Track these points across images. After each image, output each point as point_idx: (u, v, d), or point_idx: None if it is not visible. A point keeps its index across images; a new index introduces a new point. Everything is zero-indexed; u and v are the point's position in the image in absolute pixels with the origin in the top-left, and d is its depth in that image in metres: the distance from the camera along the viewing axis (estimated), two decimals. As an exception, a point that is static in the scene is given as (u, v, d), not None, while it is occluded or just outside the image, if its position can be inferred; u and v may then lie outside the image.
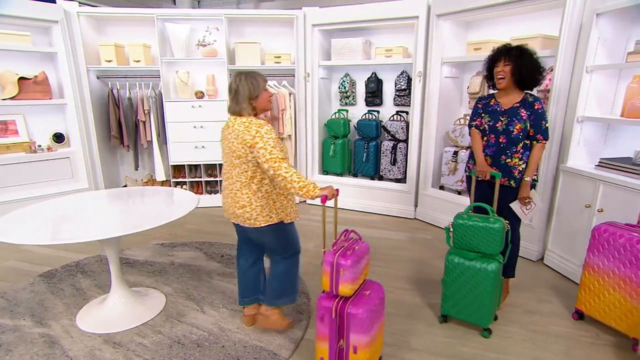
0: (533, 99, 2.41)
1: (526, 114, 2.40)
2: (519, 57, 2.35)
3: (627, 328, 2.17)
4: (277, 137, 2.00)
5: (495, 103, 2.53)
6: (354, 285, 1.80)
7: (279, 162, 1.89)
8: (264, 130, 1.95)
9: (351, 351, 1.82)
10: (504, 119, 2.45)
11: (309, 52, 4.45)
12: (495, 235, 2.18)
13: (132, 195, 2.85)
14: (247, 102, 2.05)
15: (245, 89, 2.04)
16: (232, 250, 3.41)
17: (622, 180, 2.52)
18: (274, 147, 1.92)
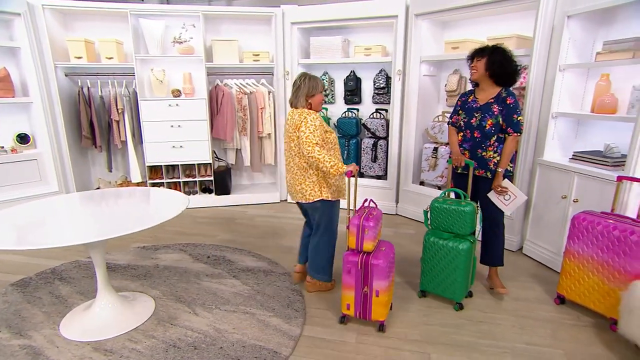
0: (506, 94, 2.53)
1: (498, 109, 2.53)
2: (491, 53, 2.50)
3: (605, 309, 2.32)
4: (321, 126, 2.40)
5: (473, 99, 2.66)
6: (374, 242, 2.25)
7: (313, 146, 2.33)
8: (310, 117, 2.39)
9: (374, 295, 2.25)
10: (477, 115, 2.60)
11: (288, 50, 4.44)
12: (466, 217, 2.43)
13: (118, 197, 2.74)
14: (305, 97, 2.46)
15: (306, 87, 2.45)
16: (218, 251, 3.35)
17: (595, 171, 2.68)
18: (313, 133, 2.35)
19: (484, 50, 2.54)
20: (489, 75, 2.54)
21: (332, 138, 2.51)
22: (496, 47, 2.52)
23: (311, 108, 2.49)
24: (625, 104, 2.74)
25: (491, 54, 2.50)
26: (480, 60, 2.54)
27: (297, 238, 3.67)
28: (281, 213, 4.42)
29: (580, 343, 2.19)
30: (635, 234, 2.18)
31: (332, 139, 2.52)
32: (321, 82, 2.52)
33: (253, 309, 2.51)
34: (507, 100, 2.50)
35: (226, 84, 4.54)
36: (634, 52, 2.55)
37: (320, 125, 2.41)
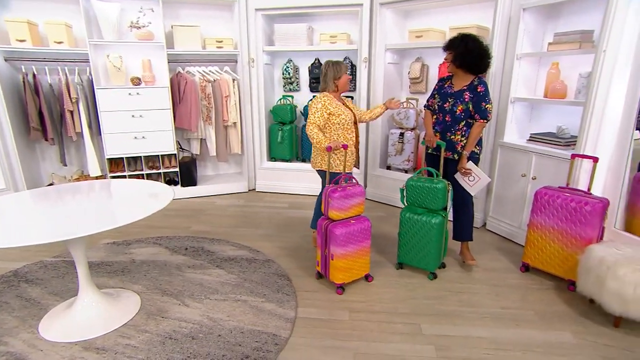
0: (478, 82, 2.70)
1: (469, 96, 2.70)
2: (459, 45, 2.65)
3: (564, 272, 2.61)
4: (324, 108, 2.79)
5: (449, 85, 2.83)
6: (340, 213, 2.54)
7: (309, 125, 2.78)
8: (314, 102, 2.83)
9: (330, 258, 2.54)
10: (451, 100, 2.77)
11: (252, 37, 4.38)
12: (438, 194, 2.65)
13: (90, 190, 2.59)
14: (332, 81, 2.87)
15: (331, 72, 2.86)
16: (195, 243, 3.29)
17: (551, 151, 2.97)
18: (313, 115, 2.79)
19: (453, 43, 2.68)
20: (458, 66, 2.70)
21: (338, 120, 2.83)
22: (463, 40, 2.64)
23: (338, 89, 2.89)
24: (573, 89, 3.04)
25: (457, 47, 2.65)
26: (451, 54, 2.70)
27: (272, 226, 3.70)
28: (252, 202, 4.40)
29: (546, 303, 2.46)
30: (588, 204, 2.47)
31: (339, 120, 2.83)
32: (344, 65, 2.89)
33: (244, 296, 2.52)
34: (478, 89, 2.67)
35: (188, 71, 4.39)
36: (581, 43, 2.84)
37: (322, 107, 2.79)
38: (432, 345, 2.08)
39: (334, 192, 2.52)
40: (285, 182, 4.70)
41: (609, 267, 2.16)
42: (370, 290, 2.61)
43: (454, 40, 2.69)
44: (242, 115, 4.59)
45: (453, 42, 2.70)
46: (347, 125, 2.87)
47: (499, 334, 2.17)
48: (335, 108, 2.83)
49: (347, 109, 2.94)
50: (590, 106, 2.66)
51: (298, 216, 3.96)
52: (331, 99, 2.85)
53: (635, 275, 2.08)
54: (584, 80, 2.90)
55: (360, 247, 2.60)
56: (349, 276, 2.60)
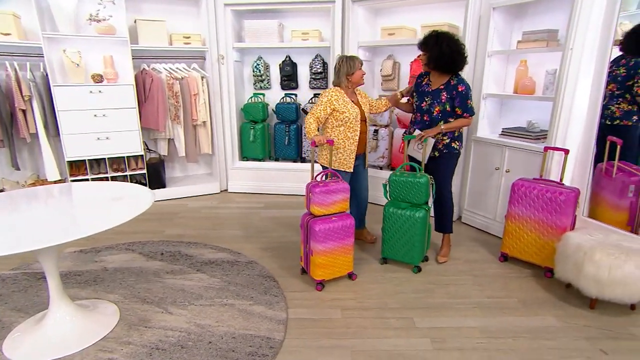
0: (456, 81, 2.71)
1: (446, 97, 2.72)
2: (433, 45, 2.64)
3: (541, 260, 2.73)
4: (329, 103, 2.77)
5: (427, 82, 2.86)
6: (321, 209, 2.52)
7: (309, 114, 2.79)
8: (324, 93, 2.83)
9: (310, 254, 2.53)
10: (427, 100, 2.80)
11: (221, 33, 4.24)
12: (421, 188, 2.67)
13: (62, 195, 2.39)
14: (345, 76, 2.81)
15: (345, 67, 2.80)
16: (171, 247, 3.14)
17: (523, 144, 3.10)
18: (317, 107, 2.79)
19: (427, 43, 2.67)
20: (434, 67, 2.72)
21: (342, 117, 2.79)
22: (437, 41, 2.62)
23: (351, 84, 2.86)
24: (541, 86, 3.19)
25: (432, 49, 2.64)
26: (425, 55, 2.71)
27: (250, 227, 3.61)
28: (225, 203, 4.27)
29: (527, 291, 2.56)
30: (562, 194, 2.59)
31: (342, 117, 2.79)
32: (358, 60, 2.84)
33: (230, 300, 2.42)
34: (459, 88, 2.67)
35: (154, 68, 4.18)
36: (547, 41, 2.99)
37: (327, 102, 2.77)
38: (427, 338, 2.10)
39: (316, 187, 2.51)
40: (258, 182, 4.60)
41: (585, 253, 2.28)
42: (358, 287, 2.60)
43: (428, 40, 2.67)
44: (211, 114, 4.44)
45: (427, 41, 2.68)
46: (350, 123, 2.80)
47: (488, 323, 2.23)
48: (341, 105, 2.78)
49: (356, 105, 2.86)
50: (559, 101, 2.80)
51: (275, 216, 3.89)
52: (340, 95, 2.81)
53: (609, 259, 2.20)
54: (551, 77, 3.05)
55: (342, 245, 2.57)
56: (329, 273, 2.58)
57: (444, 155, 2.84)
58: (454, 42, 2.65)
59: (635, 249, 2.26)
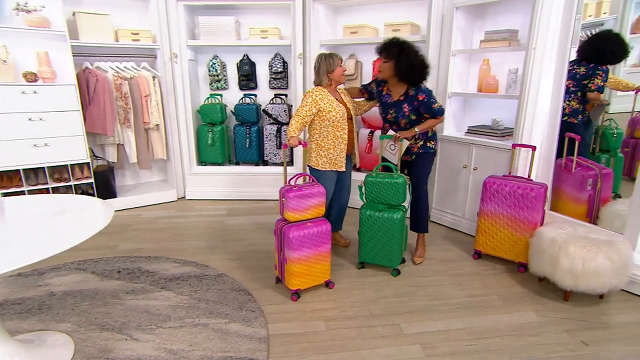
0: (415, 91, 2.63)
1: (409, 109, 2.67)
2: (398, 55, 2.55)
3: (514, 255, 2.78)
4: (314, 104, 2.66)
5: (387, 92, 2.80)
6: (296, 214, 2.39)
7: (294, 115, 2.69)
8: (308, 94, 2.71)
9: (284, 262, 2.41)
10: (392, 112, 2.76)
11: (174, 30, 3.96)
12: (399, 188, 2.61)
13: None
14: (326, 75, 2.73)
15: (324, 65, 2.72)
16: (129, 263, 2.84)
17: (490, 142, 3.15)
18: (302, 107, 2.68)
19: (390, 51, 2.57)
20: (399, 79, 2.63)
21: (328, 116, 2.68)
22: (402, 49, 2.54)
23: (332, 82, 2.77)
24: (503, 84, 3.27)
25: (398, 58, 2.53)
26: (387, 63, 2.60)
27: (214, 236, 3.38)
28: (184, 212, 3.98)
29: (504, 287, 2.59)
30: (533, 190, 2.65)
31: (329, 117, 2.69)
32: (337, 57, 2.75)
33: (203, 319, 2.21)
34: (419, 97, 2.60)
35: (99, 67, 3.80)
36: (509, 41, 3.06)
37: (312, 102, 2.67)
38: (417, 345, 2.03)
39: (289, 191, 2.38)
40: (218, 188, 4.35)
41: (560, 247, 2.33)
42: (338, 295, 2.49)
43: (392, 49, 2.57)
44: (165, 116, 4.13)
45: (390, 50, 2.58)
46: (337, 122, 2.73)
47: (474, 323, 2.21)
48: (326, 104, 2.69)
49: (341, 104, 2.79)
50: (524, 99, 2.87)
51: (240, 223, 3.68)
52: (324, 94, 2.71)
53: (583, 251, 2.26)
54: (513, 76, 3.13)
55: (318, 252, 2.45)
56: (304, 282, 2.45)
57: (420, 155, 2.81)
58: (418, 53, 2.61)
59: (603, 241, 2.34)
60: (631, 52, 2.80)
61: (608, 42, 2.88)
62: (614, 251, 2.25)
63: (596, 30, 2.90)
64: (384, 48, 2.62)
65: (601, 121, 3.08)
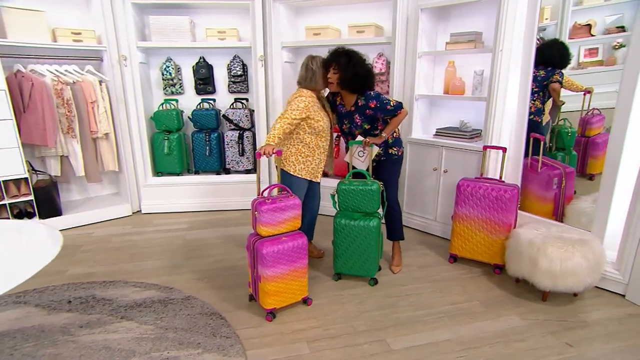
0: (364, 100, 2.56)
1: (360, 119, 2.61)
2: (346, 65, 2.49)
3: (490, 258, 2.78)
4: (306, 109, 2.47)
5: (340, 103, 2.72)
6: (270, 229, 2.22)
7: (281, 117, 2.44)
8: (300, 98, 2.49)
9: (258, 280, 2.24)
10: (346, 122, 2.71)
11: (121, 30, 3.63)
12: (373, 195, 2.53)
13: None
14: (322, 80, 2.57)
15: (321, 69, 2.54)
16: (81, 291, 2.53)
17: (458, 144, 3.15)
18: (293, 111, 2.45)
19: (339, 63, 2.49)
20: (343, 89, 2.58)
21: (316, 125, 2.53)
22: (350, 58, 2.49)
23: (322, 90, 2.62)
24: (469, 86, 3.28)
25: (345, 69, 2.48)
26: (337, 74, 2.52)
27: (176, 254, 3.12)
28: (141, 227, 3.66)
29: (484, 291, 2.56)
30: (507, 192, 2.66)
31: (317, 126, 2.53)
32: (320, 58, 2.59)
33: (172, 351, 1.98)
34: (370, 105, 2.54)
35: (33, 70, 3.40)
36: (475, 43, 3.07)
37: (304, 108, 2.47)
38: (407, 361, 1.93)
39: (262, 204, 2.21)
40: (178, 200, 4.06)
41: (539, 248, 2.33)
42: (318, 312, 2.34)
43: (339, 59, 2.50)
44: (115, 124, 3.79)
45: (338, 61, 2.50)
46: (323, 132, 2.59)
47: (461, 333, 2.15)
48: (316, 112, 2.54)
49: (325, 113, 2.64)
50: (493, 101, 2.88)
51: (203, 237, 3.43)
52: (315, 101, 2.55)
53: (560, 252, 2.28)
54: (479, 77, 3.14)
55: (294, 268, 2.29)
56: (280, 301, 2.28)
57: (382, 162, 2.75)
58: (364, 62, 2.57)
59: (577, 240, 2.37)
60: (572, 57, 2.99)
61: (558, 48, 3.03)
62: (589, 250, 2.28)
63: (540, 35, 3.00)
64: (333, 59, 2.53)
65: (557, 120, 3.18)
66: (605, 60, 3.02)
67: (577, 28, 3.03)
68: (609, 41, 3.00)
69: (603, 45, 3.03)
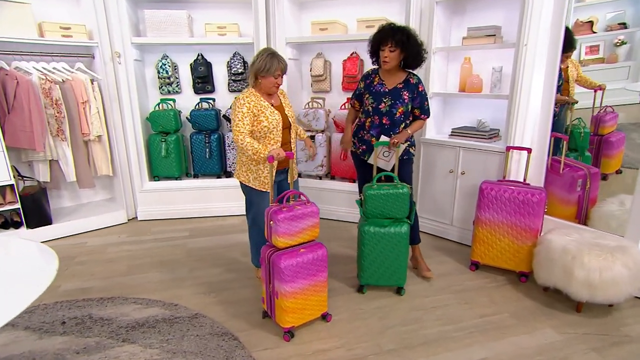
0: (416, 80, 2.54)
1: (409, 96, 2.51)
2: (405, 42, 2.40)
3: (515, 265, 2.62)
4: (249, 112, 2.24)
5: (379, 82, 2.57)
6: (287, 239, 2.02)
7: (239, 134, 2.22)
8: (238, 103, 2.25)
9: (274, 296, 2.05)
10: (386, 100, 2.52)
11: (115, 25, 3.40)
12: (404, 199, 2.38)
13: None
14: (253, 74, 2.29)
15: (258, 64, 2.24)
16: (76, 310, 2.30)
17: (477, 144, 2.98)
18: (241, 120, 2.22)
19: (397, 37, 2.37)
20: (404, 66, 2.51)
21: (259, 127, 2.27)
22: (408, 36, 2.39)
23: (258, 85, 2.31)
24: (487, 83, 3.12)
25: (404, 43, 2.38)
26: (394, 51, 2.40)
27: (179, 264, 2.91)
28: (138, 236, 3.43)
29: (511, 300, 2.40)
30: (535, 195, 2.50)
31: (260, 128, 2.28)
32: (280, 65, 2.26)
33: (182, 380, 1.78)
34: (419, 88, 2.53)
35: (18, 67, 3.15)
36: (495, 38, 2.91)
37: (247, 111, 2.24)
38: (444, 386, 1.76)
39: (278, 212, 2.00)
40: (177, 205, 3.83)
41: (574, 257, 2.18)
42: (339, 329, 2.15)
43: (398, 35, 2.38)
44: (108, 125, 3.54)
45: (395, 36, 2.38)
46: (269, 133, 2.30)
47: (496, 349, 1.98)
48: (259, 111, 2.27)
49: (277, 111, 2.34)
50: (515, 99, 2.72)
51: (207, 246, 3.21)
52: (257, 99, 2.28)
53: (599, 260, 2.12)
54: (498, 74, 2.98)
55: (314, 282, 2.10)
56: (299, 318, 2.09)
57: (403, 161, 2.59)
58: (416, 35, 2.48)
59: (615, 247, 2.22)
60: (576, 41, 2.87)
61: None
62: (629, 258, 2.13)
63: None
64: (391, 35, 2.38)
65: (570, 120, 3.04)
66: (607, 57, 2.94)
67: (579, 25, 2.93)
68: (610, 38, 2.93)
69: (604, 42, 2.96)
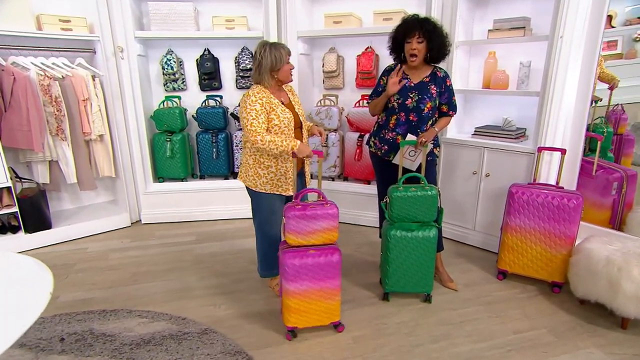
0: (444, 74, 2.41)
1: (436, 91, 2.37)
2: (432, 33, 2.27)
3: (547, 275, 2.43)
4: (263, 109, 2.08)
5: (403, 77, 2.39)
6: (297, 238, 1.97)
7: (254, 134, 2.04)
8: (249, 100, 2.07)
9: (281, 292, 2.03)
10: (413, 96, 2.37)
11: (117, 18, 3.22)
12: (433, 202, 2.24)
13: None
14: (269, 73, 2.12)
15: (268, 60, 2.08)
16: (76, 324, 2.13)
17: (503, 145, 2.79)
18: (256, 119, 2.05)
19: (422, 27, 2.24)
20: (430, 59, 2.37)
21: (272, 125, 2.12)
22: (434, 26, 2.27)
23: (278, 81, 2.18)
24: (513, 79, 2.92)
25: (431, 34, 2.25)
26: (422, 42, 2.26)
27: (186, 272, 2.74)
28: (142, 240, 3.25)
29: (547, 314, 2.22)
30: (571, 200, 2.31)
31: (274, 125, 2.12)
32: (285, 49, 2.15)
33: (193, 408, 1.60)
34: (447, 82, 2.40)
35: (15, 63, 2.98)
36: (524, 30, 2.71)
37: (261, 109, 2.08)
38: (484, 415, 1.58)
39: (291, 209, 1.96)
40: (183, 208, 3.66)
41: (620, 269, 1.99)
42: (363, 348, 1.97)
43: (425, 25, 2.23)
44: (111, 124, 3.37)
45: (423, 27, 2.23)
46: (282, 133, 2.14)
47: (537, 372, 1.80)
48: (271, 108, 2.12)
49: (288, 109, 2.19)
50: (548, 96, 2.53)
51: (214, 251, 3.04)
52: (266, 96, 2.13)
53: (648, 274, 1.94)
54: (526, 70, 2.79)
55: (323, 287, 2.00)
56: (304, 320, 2.03)
57: (427, 163, 2.41)
58: (442, 26, 2.34)
59: (663, 257, 2.03)
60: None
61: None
62: (681, 270, 1.94)
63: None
64: (418, 25, 2.24)
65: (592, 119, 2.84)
66: (625, 53, 2.75)
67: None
68: (629, 33, 2.76)
69: (623, 37, 2.79)
